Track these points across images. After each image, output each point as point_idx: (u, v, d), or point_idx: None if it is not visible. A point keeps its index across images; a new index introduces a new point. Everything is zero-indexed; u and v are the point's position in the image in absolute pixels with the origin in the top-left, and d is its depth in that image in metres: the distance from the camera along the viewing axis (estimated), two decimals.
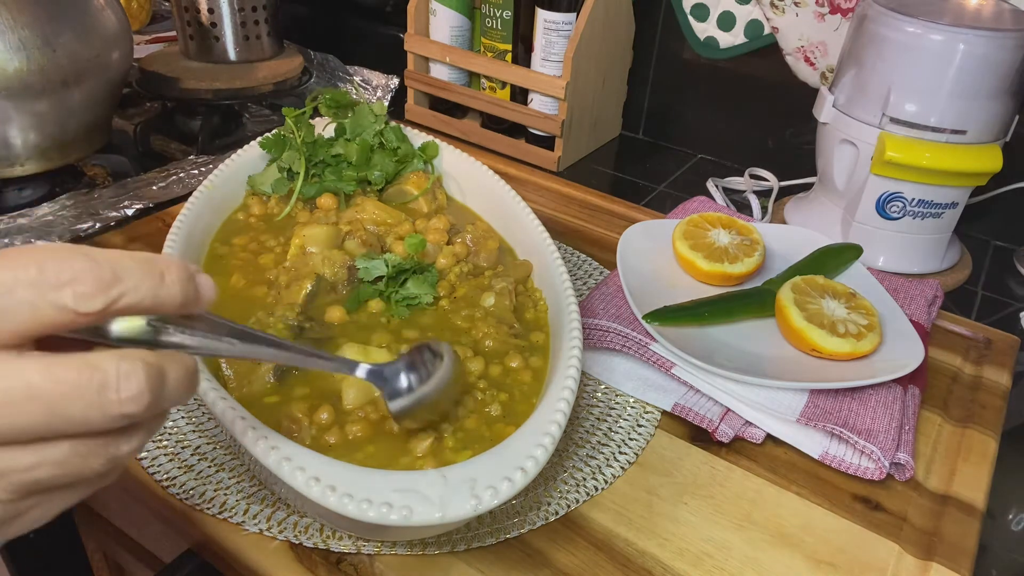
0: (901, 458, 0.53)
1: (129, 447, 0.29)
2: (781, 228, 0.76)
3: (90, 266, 0.26)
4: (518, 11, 0.94)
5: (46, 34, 0.73)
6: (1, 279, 0.25)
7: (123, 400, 0.26)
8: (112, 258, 0.27)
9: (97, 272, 0.26)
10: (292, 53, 1.10)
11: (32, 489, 0.27)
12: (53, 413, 0.25)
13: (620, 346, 0.60)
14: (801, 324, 0.59)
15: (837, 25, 0.89)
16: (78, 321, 0.26)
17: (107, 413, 0.26)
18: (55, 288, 0.25)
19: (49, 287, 0.25)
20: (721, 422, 0.56)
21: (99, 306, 0.26)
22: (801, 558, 0.48)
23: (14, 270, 0.25)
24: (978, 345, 0.69)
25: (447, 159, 0.73)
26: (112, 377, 0.26)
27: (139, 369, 0.27)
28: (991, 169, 0.71)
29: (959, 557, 0.49)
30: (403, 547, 0.46)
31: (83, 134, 0.82)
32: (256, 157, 0.69)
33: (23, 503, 0.28)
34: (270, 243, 0.62)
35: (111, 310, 0.27)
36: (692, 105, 1.05)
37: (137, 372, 0.27)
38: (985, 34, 0.68)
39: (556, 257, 0.58)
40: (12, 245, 0.72)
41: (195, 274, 0.30)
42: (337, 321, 0.54)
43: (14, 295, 0.25)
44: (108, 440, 0.28)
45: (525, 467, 0.39)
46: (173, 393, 0.28)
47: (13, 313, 0.25)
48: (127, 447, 0.29)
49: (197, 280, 0.30)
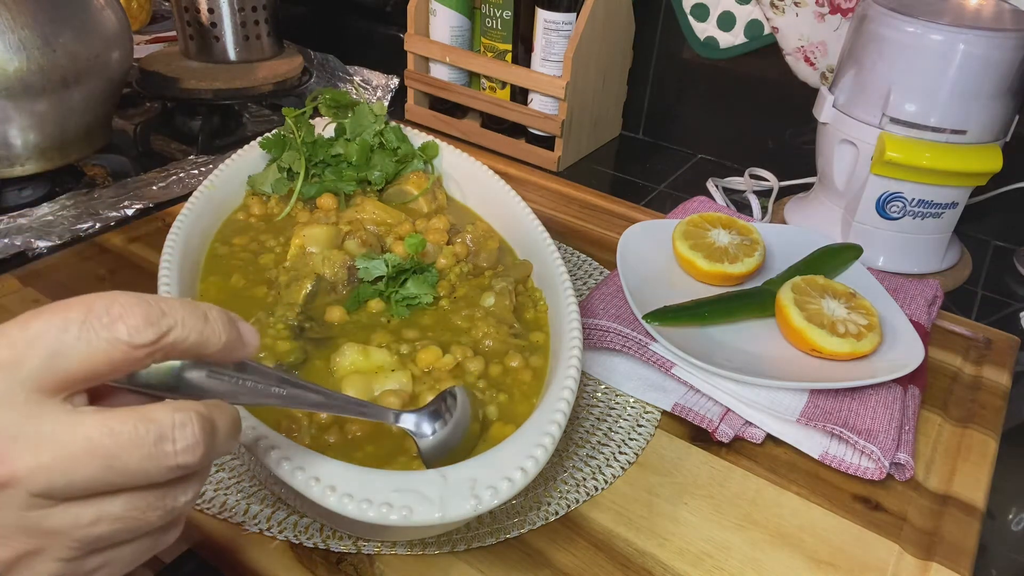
0: (901, 458, 0.53)
1: (185, 498, 0.29)
2: (781, 228, 0.76)
3: (136, 301, 0.27)
4: (518, 11, 0.94)
5: (46, 34, 0.73)
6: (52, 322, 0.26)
7: (179, 451, 0.27)
8: (157, 297, 0.28)
9: (144, 307, 0.27)
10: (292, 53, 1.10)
11: (94, 546, 0.27)
12: (111, 467, 0.26)
13: (620, 346, 0.60)
14: (801, 324, 0.59)
15: (837, 25, 0.89)
16: (132, 355, 0.27)
17: (164, 465, 0.27)
18: (107, 324, 0.26)
19: (101, 324, 0.26)
20: (721, 422, 0.56)
21: (152, 337, 0.27)
22: (801, 558, 0.48)
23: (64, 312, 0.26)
24: (978, 345, 0.69)
25: (447, 159, 0.73)
26: (168, 428, 0.27)
27: (193, 420, 0.27)
28: (991, 169, 0.71)
29: (959, 557, 0.49)
30: (403, 547, 0.46)
31: (83, 134, 0.82)
32: (256, 157, 0.69)
33: (87, 562, 0.28)
34: (270, 243, 0.62)
35: (161, 343, 0.27)
36: (692, 105, 1.05)
37: (191, 423, 0.27)
38: (985, 34, 0.68)
39: (556, 257, 0.58)
40: (12, 245, 0.72)
41: (236, 320, 0.30)
42: (337, 321, 0.54)
43: (68, 334, 0.26)
44: (164, 492, 0.28)
45: (525, 467, 0.39)
46: (223, 443, 0.29)
47: (69, 352, 0.26)
48: (183, 498, 0.29)
49: (239, 325, 0.30)
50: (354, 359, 0.49)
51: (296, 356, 0.49)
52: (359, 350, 0.49)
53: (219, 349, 0.29)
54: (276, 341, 0.50)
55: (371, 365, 0.49)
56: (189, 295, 0.53)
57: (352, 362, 0.49)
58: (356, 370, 0.48)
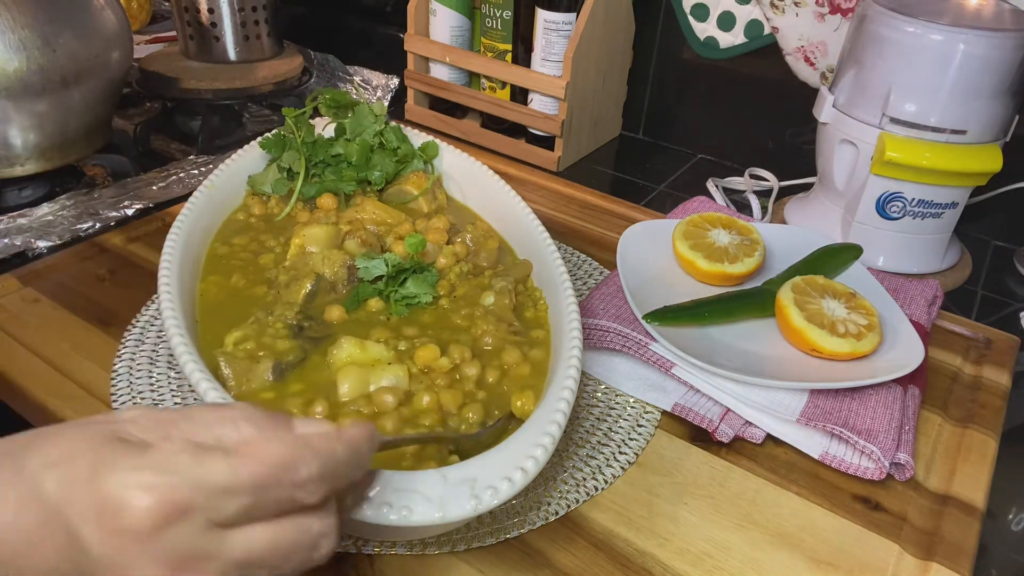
0: (901, 458, 0.53)
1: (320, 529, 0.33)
2: (781, 228, 0.76)
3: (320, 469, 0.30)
4: (518, 11, 0.94)
5: (46, 34, 0.73)
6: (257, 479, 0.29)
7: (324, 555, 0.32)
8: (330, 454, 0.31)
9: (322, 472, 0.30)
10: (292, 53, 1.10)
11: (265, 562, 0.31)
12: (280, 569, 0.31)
13: (620, 346, 0.60)
14: (801, 324, 0.59)
15: (837, 25, 0.89)
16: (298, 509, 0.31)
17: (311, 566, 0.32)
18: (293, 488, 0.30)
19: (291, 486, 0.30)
20: (721, 422, 0.56)
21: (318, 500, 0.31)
22: (801, 558, 0.48)
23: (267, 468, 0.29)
24: (978, 345, 0.69)
25: (447, 159, 0.73)
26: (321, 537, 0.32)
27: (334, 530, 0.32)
28: (991, 169, 0.71)
29: (959, 557, 0.49)
30: (403, 547, 0.46)
31: (83, 134, 0.82)
32: (256, 157, 0.69)
33: None
34: (270, 243, 0.62)
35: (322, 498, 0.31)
36: (692, 105, 1.05)
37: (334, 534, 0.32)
38: (985, 34, 0.68)
39: (556, 257, 0.58)
40: (12, 245, 0.72)
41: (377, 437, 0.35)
42: (336, 320, 0.54)
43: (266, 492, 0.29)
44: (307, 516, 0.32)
45: (525, 467, 0.39)
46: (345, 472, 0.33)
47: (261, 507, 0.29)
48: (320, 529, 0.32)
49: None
50: (351, 352, 0.49)
51: (295, 355, 0.49)
52: (356, 343, 0.49)
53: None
54: (275, 340, 0.50)
55: (367, 358, 0.49)
56: (189, 295, 0.53)
57: (349, 354, 0.49)
58: (352, 362, 0.48)
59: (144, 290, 0.67)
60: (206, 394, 0.41)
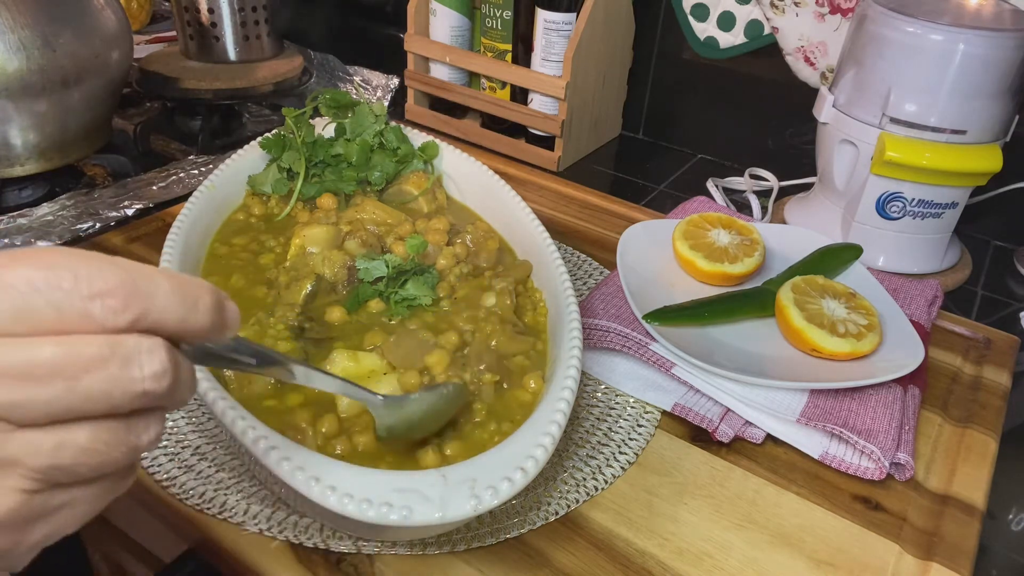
0: (901, 458, 0.53)
1: (148, 437, 0.28)
2: (781, 228, 0.76)
3: (123, 280, 0.25)
4: (518, 11, 0.94)
5: (46, 34, 0.73)
6: (32, 278, 0.24)
7: (147, 377, 0.25)
8: (147, 275, 0.26)
9: (131, 288, 0.25)
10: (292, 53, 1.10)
11: (56, 478, 0.26)
12: (74, 389, 0.24)
13: (620, 346, 0.60)
14: (801, 324, 0.59)
15: (837, 25, 0.89)
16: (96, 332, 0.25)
17: (129, 391, 0.25)
18: (86, 298, 0.24)
19: (80, 296, 0.24)
20: (721, 422, 0.56)
21: (124, 323, 0.25)
22: (801, 558, 0.48)
23: (47, 270, 0.24)
24: (978, 345, 0.69)
25: (447, 159, 0.73)
26: (135, 352, 0.25)
27: (161, 347, 0.26)
28: (991, 169, 0.71)
29: (959, 557, 0.49)
30: (403, 547, 0.46)
31: (83, 134, 0.82)
32: (256, 157, 0.69)
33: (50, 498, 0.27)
34: (270, 243, 0.62)
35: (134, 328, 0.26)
36: (692, 105, 1.05)
37: (159, 350, 0.26)
38: (985, 34, 0.68)
39: (556, 257, 0.58)
40: (12, 245, 0.72)
41: (224, 300, 0.29)
42: (337, 321, 0.54)
43: (42, 296, 0.24)
44: (128, 426, 0.27)
45: (525, 467, 0.39)
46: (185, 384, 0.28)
47: (38, 315, 0.24)
48: (146, 436, 0.28)
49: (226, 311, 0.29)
50: (344, 365, 0.49)
51: (296, 357, 0.49)
52: (349, 355, 0.49)
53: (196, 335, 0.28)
54: (276, 342, 0.50)
55: (362, 370, 0.49)
56: None
57: (343, 368, 0.49)
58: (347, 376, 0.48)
59: None
60: (206, 394, 0.41)
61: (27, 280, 0.24)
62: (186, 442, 0.52)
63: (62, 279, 0.24)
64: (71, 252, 0.25)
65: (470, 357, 0.51)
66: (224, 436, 0.53)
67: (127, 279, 0.25)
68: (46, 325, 0.24)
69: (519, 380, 0.51)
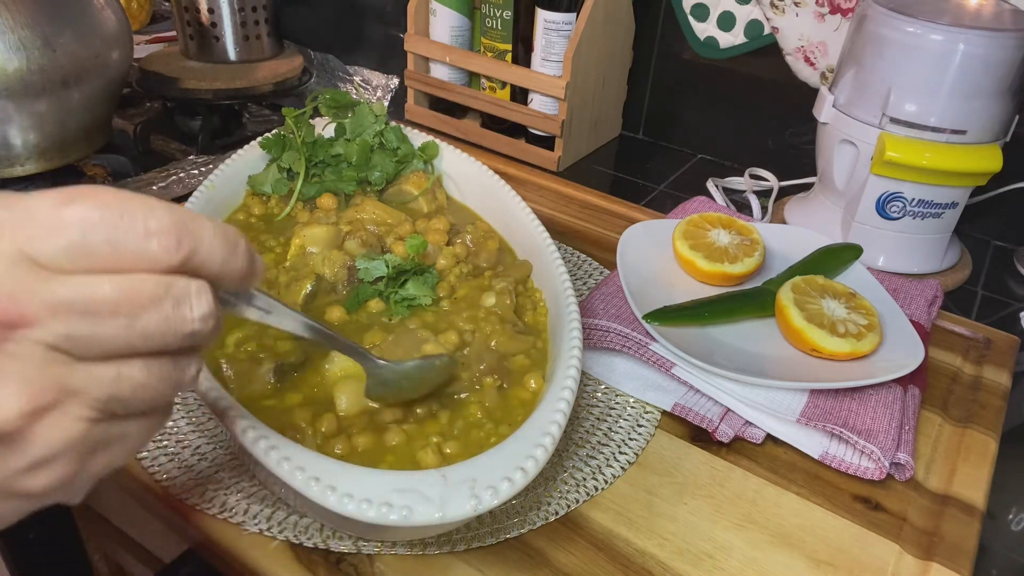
0: (901, 458, 0.53)
1: (190, 373, 0.29)
2: (781, 228, 0.76)
3: (175, 220, 0.26)
4: (518, 11, 0.94)
5: (46, 34, 0.73)
6: (88, 216, 0.25)
7: (196, 318, 0.27)
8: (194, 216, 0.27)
9: (182, 228, 0.26)
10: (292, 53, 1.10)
11: (113, 409, 0.27)
12: (132, 327, 0.26)
13: (620, 346, 0.60)
14: (801, 324, 0.59)
15: (837, 25, 0.89)
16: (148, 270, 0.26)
17: (181, 330, 0.27)
18: (142, 236, 0.26)
19: (136, 234, 0.26)
20: (721, 422, 0.56)
21: (176, 261, 0.26)
22: (801, 558, 0.48)
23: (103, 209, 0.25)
24: (978, 345, 0.69)
25: (447, 159, 0.73)
26: (186, 294, 0.27)
27: (207, 290, 0.27)
28: (991, 169, 0.71)
29: (959, 557, 0.49)
30: (403, 547, 0.46)
31: (83, 134, 0.82)
32: (256, 157, 0.69)
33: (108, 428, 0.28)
34: (270, 243, 0.62)
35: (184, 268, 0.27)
36: (692, 105, 1.05)
37: (206, 292, 0.27)
38: (985, 34, 0.68)
39: (556, 257, 0.58)
40: None
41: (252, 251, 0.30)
42: (337, 321, 0.54)
43: (98, 234, 0.25)
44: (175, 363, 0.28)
45: (525, 467, 0.39)
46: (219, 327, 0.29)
47: (95, 252, 0.25)
48: (188, 373, 0.29)
49: (255, 259, 0.30)
50: (344, 365, 0.49)
51: (296, 356, 0.49)
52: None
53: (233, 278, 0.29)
54: (276, 341, 0.50)
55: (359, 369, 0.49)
56: None
57: (342, 368, 0.49)
58: (347, 375, 0.48)
59: None
60: (206, 394, 0.41)
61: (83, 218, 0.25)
62: (186, 442, 0.52)
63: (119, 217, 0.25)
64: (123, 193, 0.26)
65: (470, 357, 0.51)
66: (224, 436, 0.53)
67: (178, 219, 0.26)
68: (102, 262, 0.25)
69: (519, 380, 0.51)
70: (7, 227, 0.25)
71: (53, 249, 0.25)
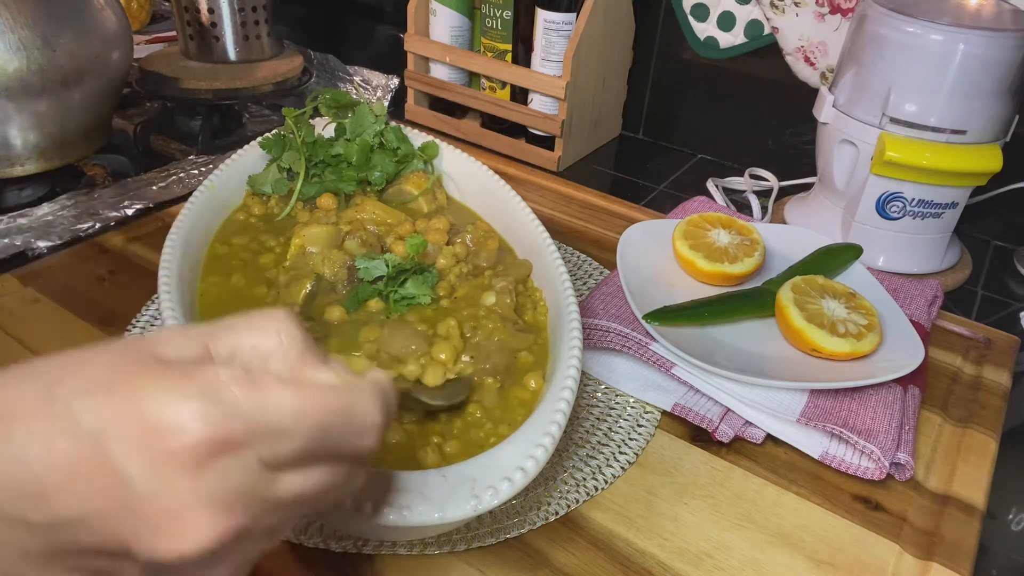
0: (901, 458, 0.53)
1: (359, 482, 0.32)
2: (781, 228, 0.76)
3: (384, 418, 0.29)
4: (518, 11, 0.94)
5: (46, 34, 0.73)
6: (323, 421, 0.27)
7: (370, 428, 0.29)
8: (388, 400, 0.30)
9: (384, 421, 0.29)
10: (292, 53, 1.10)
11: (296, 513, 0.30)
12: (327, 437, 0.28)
13: (620, 346, 0.60)
14: (801, 324, 0.59)
15: (837, 25, 0.89)
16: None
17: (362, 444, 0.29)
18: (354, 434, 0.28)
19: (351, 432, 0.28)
20: (721, 422, 0.56)
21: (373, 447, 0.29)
22: (801, 558, 0.48)
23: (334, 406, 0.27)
24: (978, 345, 0.69)
25: (447, 159, 0.73)
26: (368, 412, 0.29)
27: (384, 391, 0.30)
28: (991, 169, 0.71)
29: (959, 557, 0.49)
30: (403, 547, 0.46)
31: (83, 134, 0.82)
32: (256, 157, 0.69)
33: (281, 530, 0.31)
34: (270, 243, 0.62)
35: None
36: (692, 105, 1.05)
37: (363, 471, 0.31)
38: (985, 34, 0.68)
39: (556, 257, 0.58)
40: (12, 245, 0.72)
41: None
42: (336, 321, 0.54)
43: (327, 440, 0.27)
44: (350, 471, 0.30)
45: (525, 467, 0.39)
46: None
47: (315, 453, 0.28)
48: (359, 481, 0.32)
49: None
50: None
51: None
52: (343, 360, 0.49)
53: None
54: None
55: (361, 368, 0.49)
56: (189, 295, 0.53)
57: None
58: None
59: (144, 290, 0.67)
60: None
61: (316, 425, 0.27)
62: None
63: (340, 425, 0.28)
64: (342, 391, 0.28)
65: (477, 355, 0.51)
66: None
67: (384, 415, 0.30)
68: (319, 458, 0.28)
69: (520, 379, 0.51)
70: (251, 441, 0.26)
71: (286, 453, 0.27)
